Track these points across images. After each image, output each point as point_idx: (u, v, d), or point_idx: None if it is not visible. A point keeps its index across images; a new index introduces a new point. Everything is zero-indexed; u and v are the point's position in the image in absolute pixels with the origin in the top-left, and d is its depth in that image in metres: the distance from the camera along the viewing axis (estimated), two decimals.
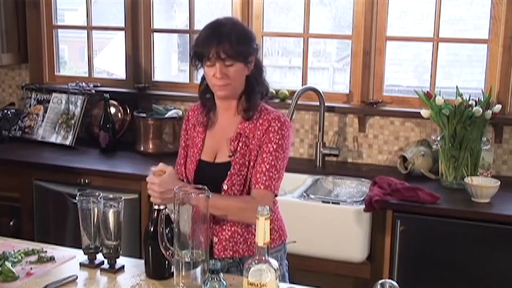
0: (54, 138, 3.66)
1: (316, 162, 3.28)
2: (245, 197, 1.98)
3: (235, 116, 2.03)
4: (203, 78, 2.05)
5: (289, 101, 3.23)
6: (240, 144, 1.99)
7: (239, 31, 1.96)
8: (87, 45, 3.92)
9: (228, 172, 1.97)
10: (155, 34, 3.77)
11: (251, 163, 1.98)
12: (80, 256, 1.97)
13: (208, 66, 1.93)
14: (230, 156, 1.99)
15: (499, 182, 2.73)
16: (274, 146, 1.96)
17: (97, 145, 3.54)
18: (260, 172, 1.95)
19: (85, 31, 3.91)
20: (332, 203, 2.84)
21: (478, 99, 2.96)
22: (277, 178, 1.97)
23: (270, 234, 2.04)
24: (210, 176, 2.00)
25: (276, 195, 2.00)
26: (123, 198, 1.90)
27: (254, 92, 2.00)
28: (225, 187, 1.98)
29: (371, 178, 3.00)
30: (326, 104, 3.27)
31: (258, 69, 2.03)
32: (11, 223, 3.31)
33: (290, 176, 2.89)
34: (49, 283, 1.79)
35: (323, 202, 2.85)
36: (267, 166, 1.94)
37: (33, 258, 1.97)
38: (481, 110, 2.86)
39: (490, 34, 3.14)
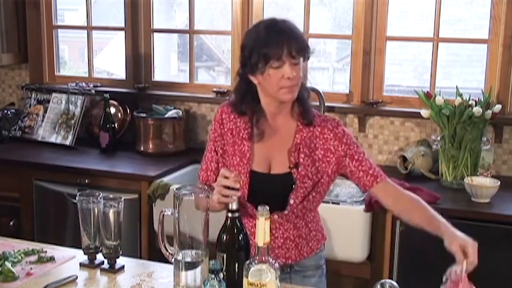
0: (54, 138, 3.66)
1: None
2: (410, 193, 1.96)
3: (287, 122, 1.94)
4: (242, 84, 1.91)
5: None
6: (302, 156, 1.91)
7: (297, 27, 1.87)
8: (87, 45, 3.92)
9: (294, 186, 1.90)
10: (155, 34, 3.77)
11: (321, 174, 1.92)
12: (80, 256, 1.97)
13: (275, 68, 1.79)
14: (291, 168, 1.90)
15: (499, 182, 2.73)
16: (355, 146, 1.94)
17: (97, 145, 3.54)
18: (369, 169, 1.92)
19: (85, 31, 3.91)
20: (332, 203, 2.84)
21: (478, 99, 2.96)
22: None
23: (315, 234, 2.03)
24: (269, 188, 1.92)
25: None
26: (123, 198, 1.90)
27: (303, 94, 1.93)
28: (291, 201, 1.91)
29: None
30: (326, 104, 3.27)
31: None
32: (11, 223, 3.31)
33: None
34: (49, 283, 1.79)
35: (323, 202, 2.84)
36: (368, 163, 1.93)
37: (33, 258, 1.97)
38: (481, 110, 2.86)
39: (490, 34, 3.14)
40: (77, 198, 1.91)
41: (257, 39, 1.82)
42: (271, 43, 1.78)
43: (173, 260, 1.72)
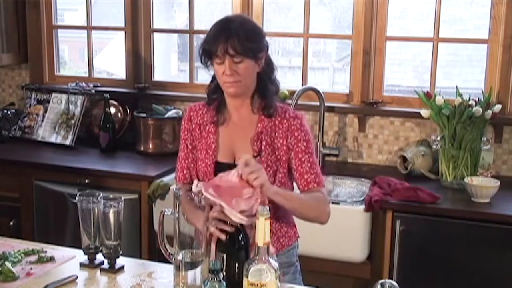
0: (54, 138, 3.66)
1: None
2: (316, 194, 1.97)
3: (250, 115, 2.00)
4: (214, 78, 2.03)
5: (289, 101, 3.23)
6: (264, 143, 1.97)
7: (248, 27, 1.94)
8: (87, 45, 3.92)
9: None
10: (155, 34, 3.77)
11: (280, 162, 1.97)
12: (80, 256, 1.97)
13: (218, 64, 1.90)
14: (255, 156, 1.95)
15: (499, 182, 2.73)
16: (304, 144, 1.98)
17: (97, 145, 3.54)
18: (305, 173, 1.97)
19: (85, 31, 3.91)
20: (332, 203, 2.84)
21: (478, 99, 2.96)
22: (320, 172, 2.02)
23: (287, 231, 2.05)
24: None
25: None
26: (123, 198, 1.90)
27: (267, 89, 1.99)
28: None
29: (371, 178, 3.00)
30: (326, 104, 3.27)
31: (269, 66, 2.02)
32: (11, 223, 3.31)
33: None
34: (49, 283, 1.79)
35: None
36: (309, 165, 1.97)
37: (33, 258, 1.97)
38: (481, 110, 2.86)
39: (490, 34, 3.14)
40: (77, 198, 1.91)
41: (206, 35, 1.95)
42: (210, 40, 1.91)
43: (173, 260, 1.72)
